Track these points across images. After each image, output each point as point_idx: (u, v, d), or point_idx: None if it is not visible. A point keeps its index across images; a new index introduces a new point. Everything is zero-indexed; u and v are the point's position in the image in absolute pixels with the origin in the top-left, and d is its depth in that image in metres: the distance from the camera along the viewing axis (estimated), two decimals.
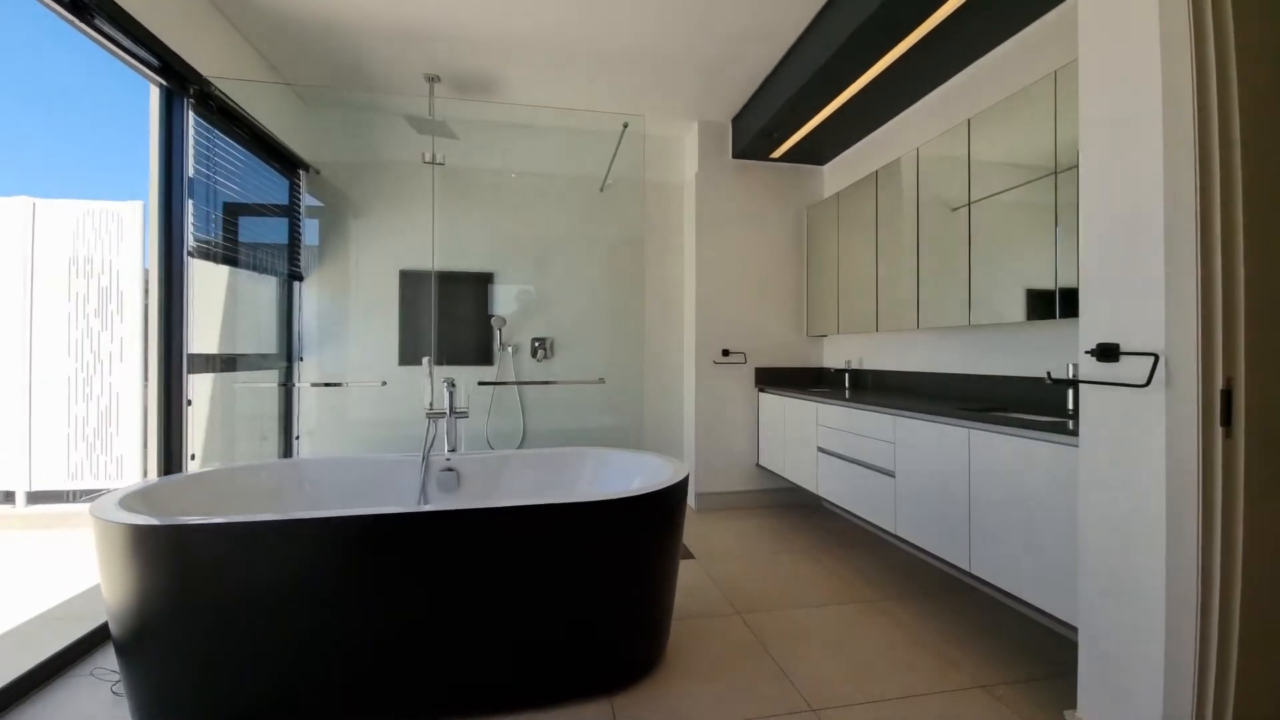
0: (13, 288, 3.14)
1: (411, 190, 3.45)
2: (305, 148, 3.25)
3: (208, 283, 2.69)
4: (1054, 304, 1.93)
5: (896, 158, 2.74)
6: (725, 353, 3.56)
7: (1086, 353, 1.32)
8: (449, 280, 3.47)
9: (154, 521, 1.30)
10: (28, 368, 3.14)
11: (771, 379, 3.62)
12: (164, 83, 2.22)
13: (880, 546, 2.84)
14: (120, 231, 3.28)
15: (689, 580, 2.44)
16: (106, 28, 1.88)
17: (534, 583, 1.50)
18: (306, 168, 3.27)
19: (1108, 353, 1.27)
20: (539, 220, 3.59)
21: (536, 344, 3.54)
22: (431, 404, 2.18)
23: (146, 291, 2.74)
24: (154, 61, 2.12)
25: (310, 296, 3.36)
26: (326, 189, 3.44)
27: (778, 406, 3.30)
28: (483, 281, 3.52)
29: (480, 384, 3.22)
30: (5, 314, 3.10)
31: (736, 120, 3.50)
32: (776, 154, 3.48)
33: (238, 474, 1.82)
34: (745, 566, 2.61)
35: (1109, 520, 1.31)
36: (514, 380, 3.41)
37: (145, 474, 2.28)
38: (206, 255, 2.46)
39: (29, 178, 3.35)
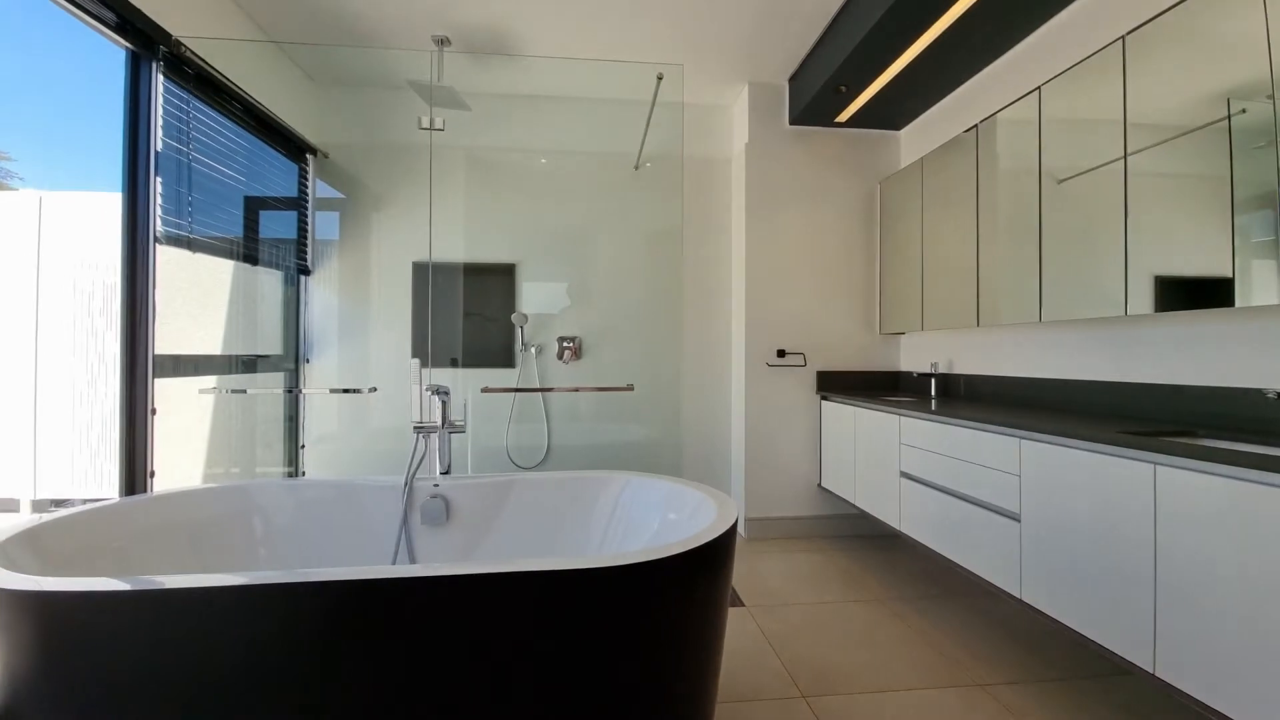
0: (19, 286, 3.00)
1: (426, 174, 3.11)
2: (313, 130, 2.96)
3: (206, 275, 2.42)
4: (1260, 283, 1.32)
5: (1006, 105, 2.15)
6: (781, 354, 3.02)
7: None
8: (467, 273, 3.10)
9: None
10: (33, 370, 2.99)
11: (837, 384, 3.06)
12: (127, 44, 1.93)
13: (990, 600, 2.25)
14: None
15: (737, 638, 1.95)
16: None
17: (517, 674, 1.06)
18: (315, 151, 2.99)
19: None
20: (567, 204, 3.18)
21: (565, 344, 3.12)
22: (421, 416, 1.78)
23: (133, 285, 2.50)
24: (110, 17, 1.83)
25: (320, 293, 3.07)
26: (343, 177, 3.15)
27: (845, 418, 2.74)
28: (504, 274, 3.13)
29: (484, 391, 2.82)
30: (10, 314, 2.98)
31: (795, 79, 2.97)
32: (843, 117, 2.92)
33: (167, 503, 1.47)
34: (808, 619, 2.09)
35: None
36: (530, 387, 3.00)
37: (127, 489, 2.00)
38: (182, 244, 2.17)
39: (37, 169, 3.23)
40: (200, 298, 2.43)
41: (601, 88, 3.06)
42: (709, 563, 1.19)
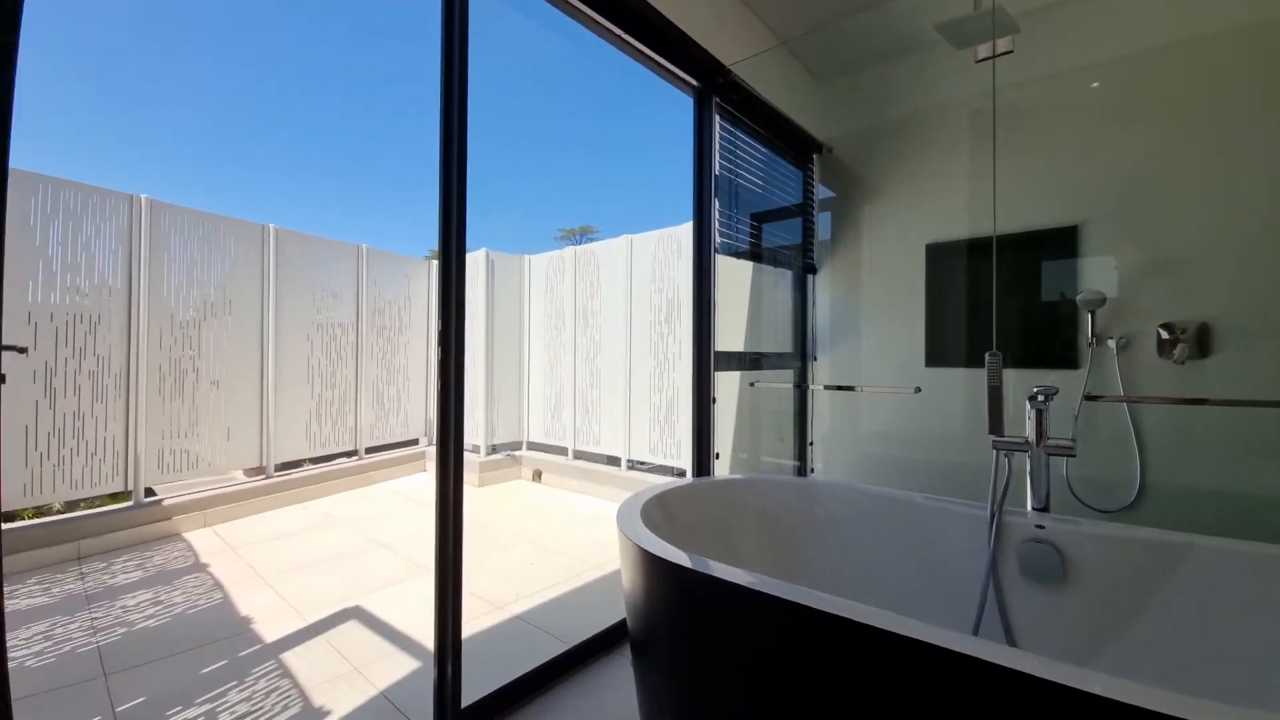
0: (618, 304, 4.20)
1: (940, 141, 2.65)
2: (817, 126, 2.96)
3: (733, 281, 2.72)
4: None
5: None
6: None
7: None
8: (1001, 247, 2.47)
9: (647, 548, 1.09)
10: (627, 366, 4.13)
11: None
12: (695, 83, 2.27)
13: None
14: (679, 249, 3.90)
15: None
16: (648, 45, 1.97)
17: None
18: (819, 149, 2.99)
19: None
20: (1154, 133, 2.12)
21: (1165, 335, 2.08)
22: (1002, 428, 1.35)
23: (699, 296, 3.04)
24: (686, 61, 2.16)
25: (822, 291, 3.06)
26: (837, 173, 3.06)
27: None
28: (1057, 241, 2.34)
29: (1087, 399, 2.08)
30: (617, 325, 4.20)
31: None
32: None
33: (750, 486, 1.58)
34: None
35: None
36: (1135, 396, 2.08)
37: (695, 470, 2.40)
38: (731, 253, 2.43)
39: (627, 219, 4.47)
40: (733, 300, 2.72)
41: None
42: None
